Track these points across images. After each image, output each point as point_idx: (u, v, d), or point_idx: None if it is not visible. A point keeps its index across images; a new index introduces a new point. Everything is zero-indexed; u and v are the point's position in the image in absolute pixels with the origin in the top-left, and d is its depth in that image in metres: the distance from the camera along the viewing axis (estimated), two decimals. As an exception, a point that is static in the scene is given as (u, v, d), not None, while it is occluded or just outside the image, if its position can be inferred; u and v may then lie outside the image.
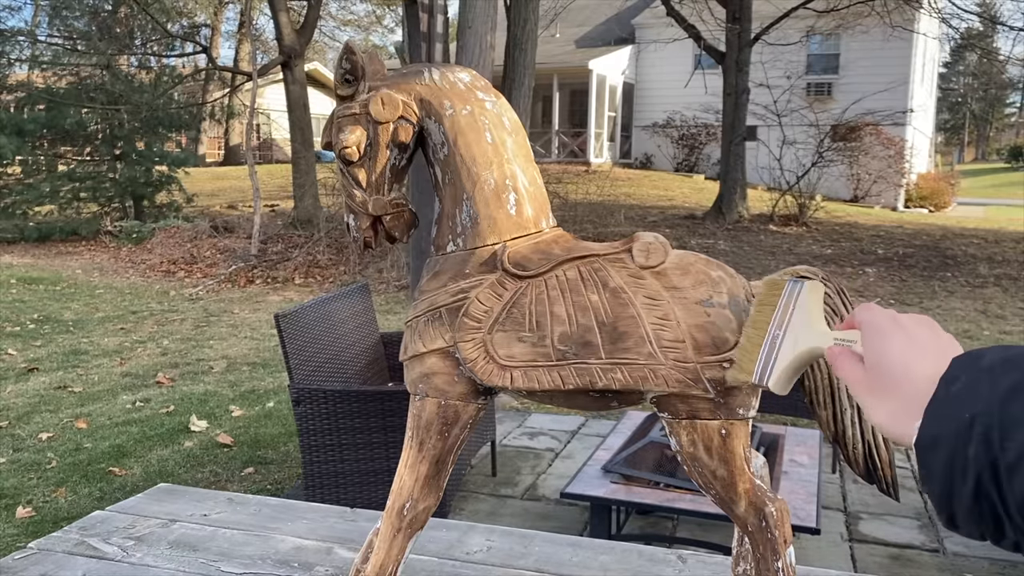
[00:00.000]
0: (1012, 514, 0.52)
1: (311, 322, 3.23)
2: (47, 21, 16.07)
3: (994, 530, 0.54)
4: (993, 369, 0.55)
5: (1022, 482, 0.50)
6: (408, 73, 1.22)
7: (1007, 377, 0.53)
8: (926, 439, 0.57)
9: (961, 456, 0.53)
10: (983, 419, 0.52)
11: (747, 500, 1.13)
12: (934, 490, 0.56)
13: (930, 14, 14.19)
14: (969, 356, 0.58)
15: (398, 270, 9.78)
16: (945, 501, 0.56)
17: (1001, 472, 0.51)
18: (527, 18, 7.18)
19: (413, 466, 1.21)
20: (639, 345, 1.09)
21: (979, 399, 0.53)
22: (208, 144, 26.24)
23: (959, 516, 0.55)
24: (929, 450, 0.56)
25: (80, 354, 6.39)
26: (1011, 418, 0.51)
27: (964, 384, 0.55)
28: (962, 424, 0.53)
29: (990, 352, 0.57)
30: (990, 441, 0.51)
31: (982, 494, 0.53)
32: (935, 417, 0.56)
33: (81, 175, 13.81)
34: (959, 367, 0.57)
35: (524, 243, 1.19)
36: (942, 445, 0.55)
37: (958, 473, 0.54)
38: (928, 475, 0.56)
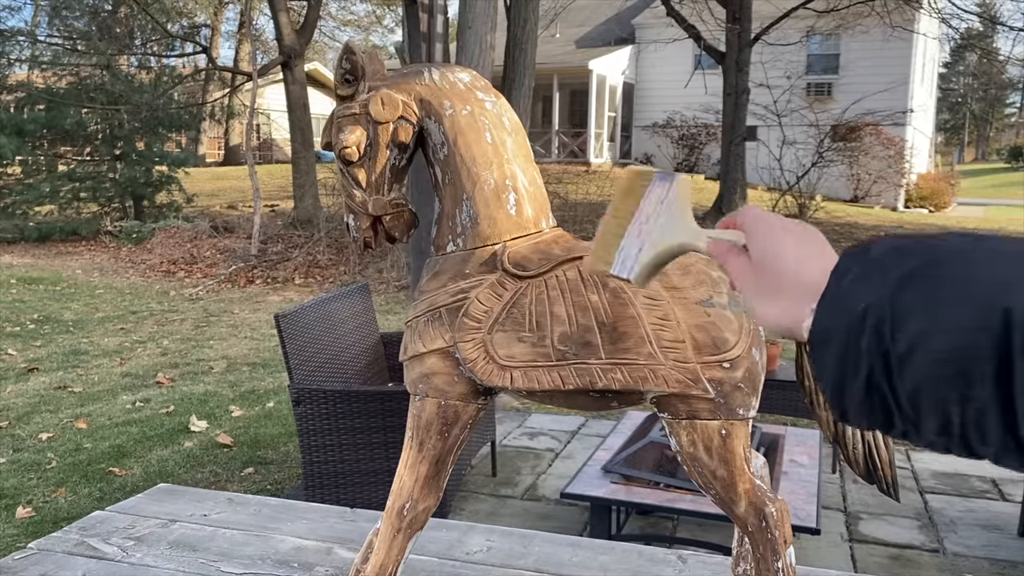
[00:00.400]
0: (902, 405, 0.52)
1: (311, 322, 3.23)
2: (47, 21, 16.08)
3: (884, 421, 0.54)
4: (884, 260, 0.54)
5: (912, 373, 0.50)
6: (408, 73, 1.22)
7: (897, 267, 0.53)
8: (819, 333, 0.56)
9: (853, 349, 0.53)
10: (875, 310, 0.52)
11: (747, 500, 1.13)
12: (827, 384, 0.56)
13: (930, 14, 14.19)
14: (859, 248, 0.57)
15: (398, 270, 9.78)
16: (838, 394, 0.56)
17: (892, 363, 0.51)
18: (527, 18, 7.18)
19: (413, 466, 1.21)
20: (639, 345, 1.09)
21: (870, 290, 0.53)
22: (208, 144, 26.24)
23: (851, 409, 0.56)
24: (822, 344, 0.56)
25: (80, 354, 6.38)
26: (902, 308, 0.51)
27: (855, 276, 0.55)
28: (854, 316, 0.53)
29: (880, 243, 0.56)
30: (881, 332, 0.51)
31: (873, 386, 0.53)
32: (827, 311, 0.56)
33: (81, 175, 13.81)
34: (850, 259, 0.57)
35: (524, 243, 1.19)
36: (834, 338, 0.54)
37: (850, 366, 0.53)
38: (821, 369, 0.56)
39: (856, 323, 0.53)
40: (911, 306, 0.51)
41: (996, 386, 0.47)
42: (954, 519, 3.50)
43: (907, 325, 0.50)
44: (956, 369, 0.48)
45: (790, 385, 3.59)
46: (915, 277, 0.51)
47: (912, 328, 0.50)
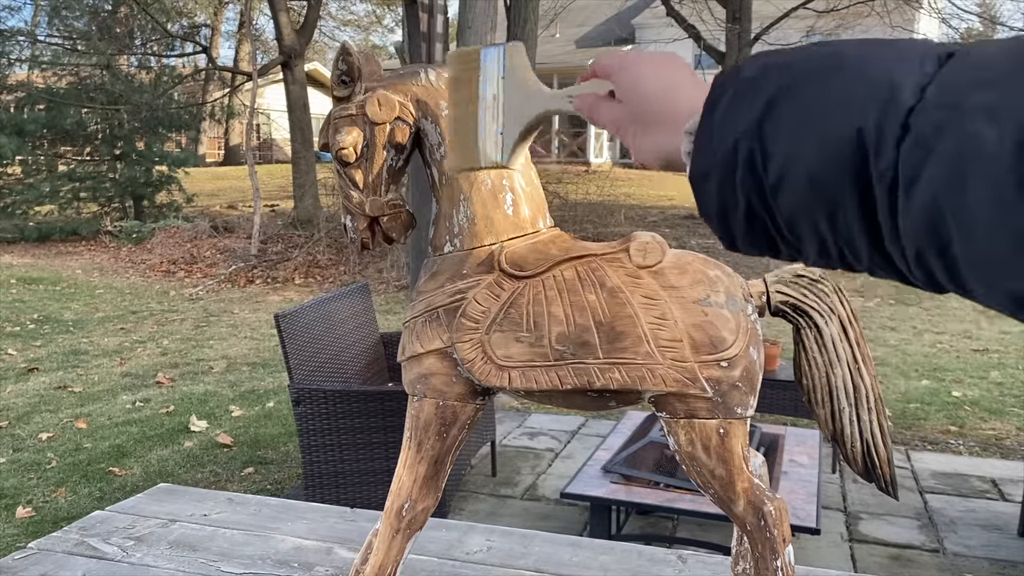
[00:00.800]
0: (783, 231, 0.52)
1: (311, 322, 3.23)
2: (47, 21, 16.07)
3: (770, 247, 0.55)
4: (754, 82, 0.54)
5: (785, 200, 0.51)
6: (404, 74, 1.23)
7: (763, 92, 0.52)
8: (698, 171, 0.56)
9: (730, 182, 0.53)
10: (744, 142, 0.52)
11: (746, 499, 1.13)
12: (711, 218, 0.57)
13: (930, 14, 14.19)
14: (733, 71, 0.56)
15: (398, 270, 9.78)
16: (723, 227, 0.56)
17: (767, 193, 0.51)
18: (527, 18, 7.19)
19: (412, 467, 1.21)
20: (637, 345, 1.10)
21: (740, 121, 0.53)
22: (208, 144, 26.23)
23: (738, 239, 0.56)
24: (702, 181, 0.56)
25: (80, 354, 6.39)
26: (768, 138, 0.51)
27: (727, 104, 0.55)
28: (727, 150, 0.53)
29: (749, 64, 0.56)
30: (753, 163, 0.51)
31: (754, 216, 0.53)
32: (702, 148, 0.56)
33: (81, 175, 13.81)
34: (720, 87, 0.56)
35: (521, 243, 1.19)
36: (712, 174, 0.55)
37: (730, 200, 0.54)
38: (704, 205, 0.57)
39: (729, 156, 0.53)
40: (775, 135, 0.51)
41: (859, 208, 0.48)
42: (954, 519, 3.50)
43: (774, 155, 0.51)
44: (823, 195, 0.49)
45: (790, 385, 3.59)
46: (777, 102, 0.51)
47: (778, 158, 0.50)
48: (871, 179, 0.46)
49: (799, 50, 0.54)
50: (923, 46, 0.49)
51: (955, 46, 0.47)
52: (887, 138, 0.45)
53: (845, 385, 1.17)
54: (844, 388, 1.17)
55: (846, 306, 1.16)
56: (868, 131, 0.46)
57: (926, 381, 5.67)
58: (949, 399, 5.26)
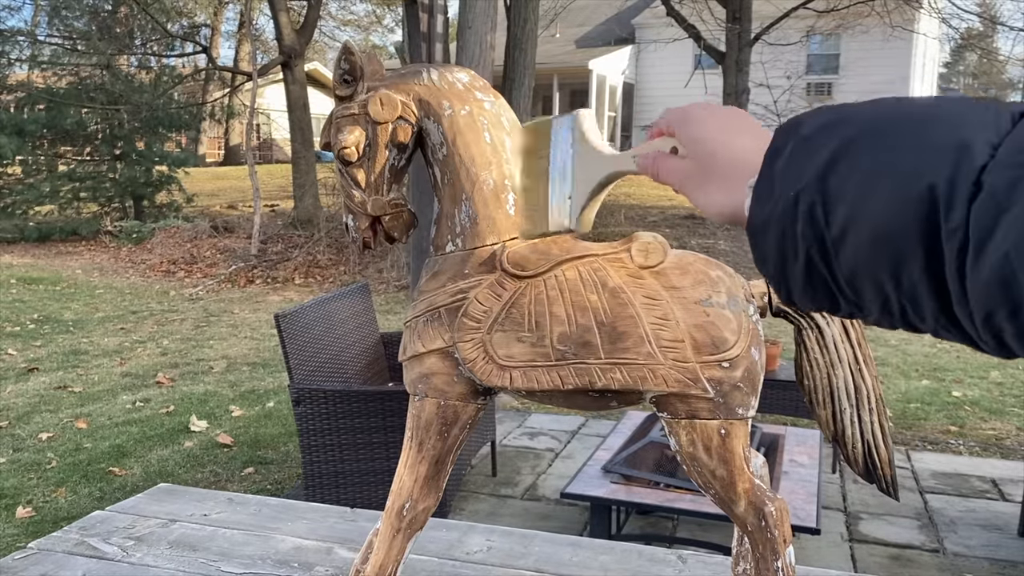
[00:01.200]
0: (843, 287, 0.52)
1: (311, 322, 3.23)
2: (47, 21, 16.06)
3: (829, 303, 0.54)
4: (812, 138, 0.53)
5: (848, 255, 0.50)
6: (406, 73, 1.23)
7: (826, 147, 0.52)
8: (757, 222, 0.56)
9: (790, 234, 0.53)
10: (806, 195, 0.51)
11: (746, 500, 1.13)
12: (769, 271, 0.56)
13: (930, 14, 14.19)
14: (791, 124, 0.56)
15: (398, 270, 9.78)
16: (781, 280, 0.56)
17: (828, 247, 0.51)
18: (527, 18, 7.19)
19: (412, 466, 1.21)
20: (638, 345, 1.10)
21: (802, 174, 0.52)
22: (208, 144, 26.22)
23: (795, 293, 0.56)
24: (761, 233, 0.55)
25: (80, 354, 6.39)
26: (832, 192, 0.50)
27: (787, 158, 0.54)
28: (788, 202, 0.53)
29: (811, 117, 0.55)
30: (815, 216, 0.51)
31: (813, 270, 0.53)
32: (762, 198, 0.55)
33: (81, 175, 13.81)
34: (783, 137, 0.56)
35: (523, 243, 1.19)
36: (772, 226, 0.54)
37: (789, 251, 0.53)
38: (762, 257, 0.56)
39: (790, 208, 0.52)
40: (839, 190, 0.50)
41: (926, 266, 0.47)
42: (954, 519, 3.50)
43: (837, 209, 0.50)
44: (888, 252, 0.48)
45: (790, 385, 3.59)
46: (841, 158, 0.51)
47: (842, 212, 0.50)
48: (940, 237, 0.46)
49: (864, 104, 0.53)
50: (995, 105, 0.48)
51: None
52: (958, 196, 0.45)
53: (846, 386, 1.17)
54: (845, 389, 1.17)
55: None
56: (938, 188, 0.45)
57: (926, 381, 5.67)
58: (949, 399, 5.26)
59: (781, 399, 3.72)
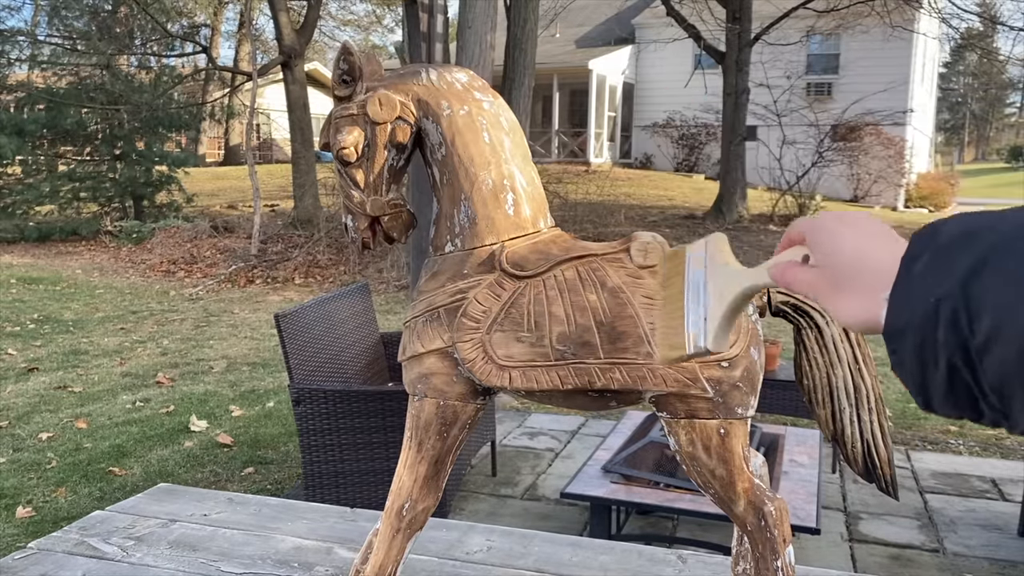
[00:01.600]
0: (988, 395, 0.50)
1: (311, 322, 3.23)
2: (47, 21, 16.06)
3: (972, 411, 0.53)
4: (952, 246, 0.52)
5: (993, 364, 0.49)
6: (405, 74, 1.22)
7: (967, 254, 0.51)
8: (894, 327, 0.55)
9: (931, 341, 0.52)
10: (948, 302, 0.50)
11: (746, 499, 1.13)
12: (908, 378, 0.55)
13: (930, 14, 14.19)
14: (929, 230, 0.55)
15: (398, 270, 9.78)
16: (920, 387, 0.54)
17: (972, 355, 0.50)
18: (527, 18, 7.18)
19: (412, 466, 1.21)
20: (637, 345, 1.10)
21: (942, 280, 0.51)
22: (208, 144, 26.23)
23: (935, 401, 0.54)
24: (898, 338, 0.54)
25: (80, 354, 6.39)
26: (976, 300, 0.49)
27: (926, 264, 0.53)
28: (928, 308, 0.52)
29: (949, 225, 0.54)
30: (958, 324, 0.50)
31: (956, 378, 0.51)
32: (901, 303, 0.55)
33: (81, 175, 13.81)
34: (920, 244, 0.55)
35: (522, 243, 1.19)
36: (910, 332, 0.53)
37: (929, 359, 0.52)
38: (900, 363, 0.55)
39: (931, 315, 0.51)
40: (983, 299, 0.49)
41: None
42: (954, 519, 3.50)
43: (982, 318, 0.49)
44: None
45: (790, 385, 3.59)
46: (985, 266, 0.50)
47: (987, 321, 0.49)
48: None
49: (1004, 213, 0.53)
50: None
51: None
52: None
53: (846, 385, 1.17)
54: (845, 388, 1.17)
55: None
56: None
57: (926, 381, 5.66)
58: (949, 399, 5.25)
59: (781, 399, 3.72)
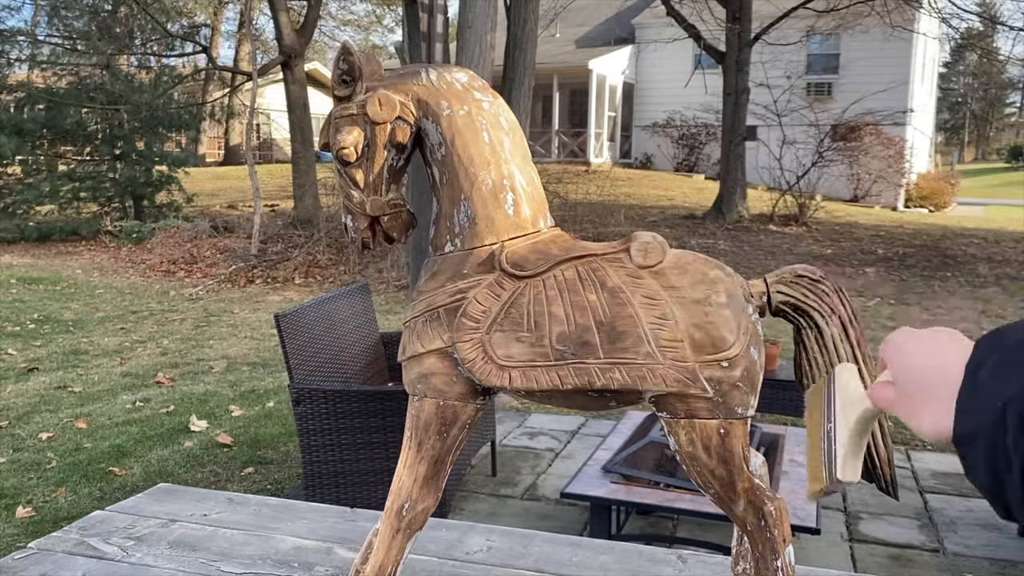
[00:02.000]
0: None
1: (311, 322, 3.23)
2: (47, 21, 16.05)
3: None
4: (1017, 349, 0.53)
5: None
6: (405, 74, 1.22)
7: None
8: (963, 435, 0.55)
9: (1001, 447, 0.51)
10: (1015, 406, 0.50)
11: (746, 499, 1.13)
12: (982, 484, 0.55)
13: (930, 14, 14.19)
14: (993, 337, 0.56)
15: (398, 270, 9.78)
16: (997, 494, 0.54)
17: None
18: (527, 18, 7.19)
19: (412, 466, 1.21)
20: (637, 345, 1.09)
21: (1008, 385, 0.51)
22: (208, 144, 26.22)
23: (1014, 507, 0.54)
24: (968, 445, 0.54)
25: (80, 354, 6.38)
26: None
27: (990, 370, 0.54)
28: (995, 414, 0.52)
29: (1013, 331, 0.55)
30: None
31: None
32: (968, 410, 0.55)
33: (81, 175, 13.81)
34: (983, 351, 0.56)
35: (522, 243, 1.19)
36: (979, 438, 0.53)
37: (1002, 464, 0.52)
38: (972, 469, 0.55)
39: (999, 420, 0.51)
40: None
41: None
42: (954, 519, 3.50)
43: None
44: None
45: (790, 385, 3.59)
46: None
47: None
48: None
49: None
50: None
51: None
52: None
53: (846, 385, 1.17)
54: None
55: (847, 306, 1.16)
56: None
57: (926, 381, 5.66)
58: (949, 399, 5.25)
59: (781, 399, 3.72)
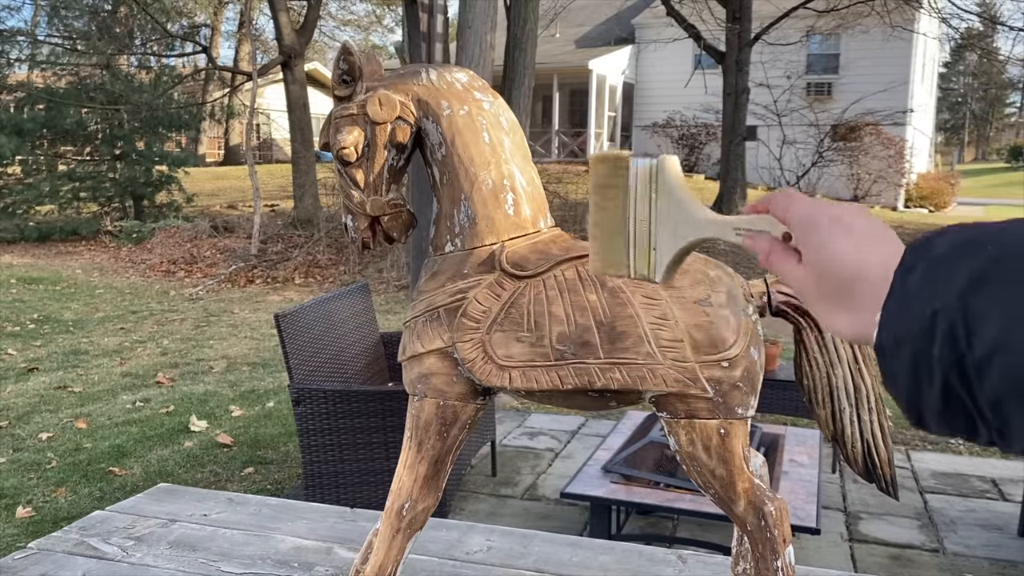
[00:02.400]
0: (984, 413, 0.48)
1: (311, 322, 3.23)
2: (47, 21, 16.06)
3: (967, 429, 0.51)
4: (950, 257, 0.50)
5: (992, 380, 0.47)
6: (405, 74, 1.22)
7: (966, 266, 0.49)
8: (886, 341, 0.53)
9: (925, 356, 0.49)
10: (945, 314, 0.48)
11: (746, 499, 1.13)
12: (900, 393, 0.53)
13: (930, 14, 14.19)
14: (924, 242, 0.53)
15: (398, 270, 9.78)
16: (913, 404, 0.52)
17: (969, 370, 0.47)
18: (527, 18, 7.19)
19: (412, 466, 1.21)
20: (637, 345, 1.09)
21: (938, 292, 0.49)
22: (208, 144, 26.22)
23: (928, 418, 0.52)
24: (890, 353, 0.52)
25: (80, 354, 6.38)
26: (974, 312, 0.47)
27: (921, 275, 0.51)
28: (924, 322, 0.50)
29: (945, 236, 0.52)
30: (955, 338, 0.48)
31: (951, 394, 0.49)
32: (894, 316, 0.52)
33: (81, 175, 13.81)
34: (914, 256, 0.53)
35: (522, 243, 1.19)
36: (904, 346, 0.51)
37: (924, 374, 0.50)
38: (892, 378, 0.53)
39: (926, 329, 0.49)
40: (985, 311, 0.47)
41: None
42: (954, 519, 3.50)
43: (983, 331, 0.47)
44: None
45: (790, 385, 3.59)
46: (985, 280, 0.48)
47: (988, 335, 0.46)
48: None
49: (1006, 226, 0.51)
50: None
51: None
52: None
53: (846, 385, 1.17)
54: (845, 388, 1.17)
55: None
56: None
57: (926, 381, 5.66)
58: (949, 399, 5.25)
59: (781, 399, 3.72)
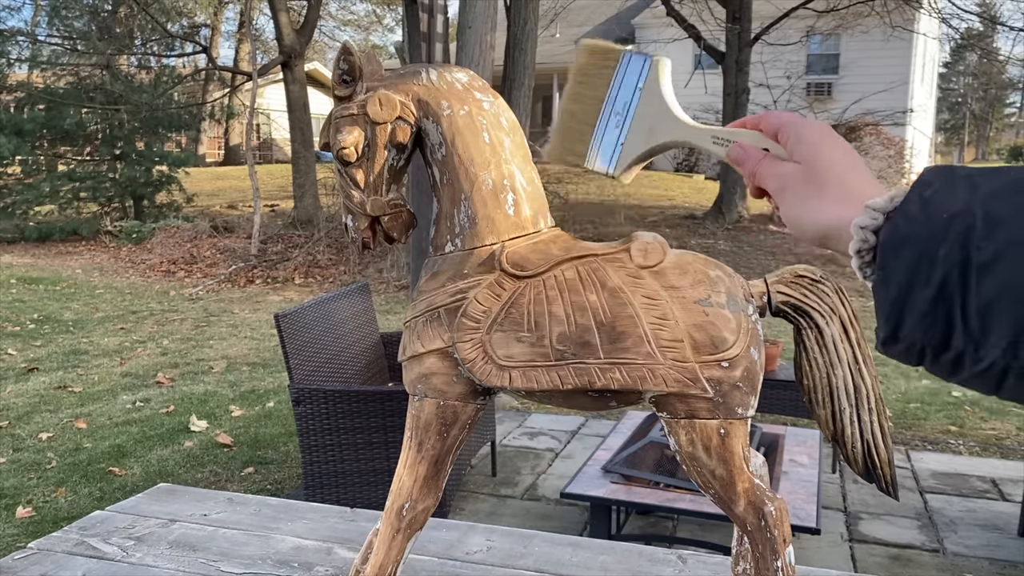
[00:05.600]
0: (969, 318, 0.49)
1: (311, 322, 3.23)
2: (47, 21, 16.06)
3: (941, 337, 0.51)
4: (972, 176, 0.52)
5: (992, 283, 0.48)
6: (405, 73, 1.22)
7: (988, 182, 0.50)
8: (894, 239, 0.53)
9: (929, 256, 0.51)
10: (963, 218, 0.50)
11: (746, 499, 1.13)
12: (889, 294, 0.53)
13: (930, 14, 14.19)
14: (943, 166, 0.55)
15: (398, 270, 9.78)
16: (898, 306, 0.53)
17: (971, 271, 0.49)
18: (527, 18, 7.19)
19: (412, 467, 1.21)
20: (637, 345, 1.09)
21: (958, 200, 0.51)
22: (208, 144, 26.21)
23: (907, 323, 0.52)
24: (894, 250, 0.53)
25: (80, 354, 6.38)
26: (994, 216, 0.48)
27: (939, 189, 0.52)
28: (937, 224, 0.51)
29: (968, 168, 0.54)
30: (967, 239, 0.49)
31: (943, 295, 0.50)
32: (908, 217, 0.53)
33: (81, 175, 13.81)
34: (933, 174, 0.54)
35: (522, 243, 1.19)
36: (911, 244, 0.52)
37: (922, 274, 0.51)
38: (886, 277, 0.54)
39: (938, 231, 0.50)
40: (1004, 216, 0.48)
41: None
42: (954, 519, 3.50)
43: (997, 234, 0.48)
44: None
45: (790, 385, 3.59)
46: (1008, 191, 0.49)
47: (1002, 237, 0.48)
48: None
49: (1015, 169, 0.52)
50: None
51: None
52: None
53: (846, 385, 1.17)
54: (845, 388, 1.17)
55: (847, 306, 1.16)
56: None
57: (926, 381, 5.67)
58: (949, 399, 5.26)
59: (781, 399, 3.72)
